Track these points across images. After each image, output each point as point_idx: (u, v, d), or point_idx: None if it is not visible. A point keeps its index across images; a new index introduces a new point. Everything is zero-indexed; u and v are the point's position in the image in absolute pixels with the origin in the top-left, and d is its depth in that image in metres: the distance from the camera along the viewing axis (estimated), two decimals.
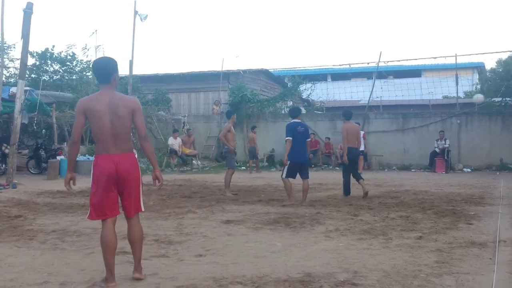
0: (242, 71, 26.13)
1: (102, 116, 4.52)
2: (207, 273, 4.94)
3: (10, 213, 8.80)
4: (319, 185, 14.12)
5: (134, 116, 4.64)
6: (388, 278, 4.77)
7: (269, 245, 6.28)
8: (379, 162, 21.66)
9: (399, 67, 34.27)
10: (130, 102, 4.70)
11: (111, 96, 4.61)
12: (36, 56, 23.92)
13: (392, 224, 7.68)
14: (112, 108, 4.54)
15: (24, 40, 14.02)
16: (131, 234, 4.78)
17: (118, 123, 4.56)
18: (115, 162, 4.56)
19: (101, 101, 4.56)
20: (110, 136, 4.56)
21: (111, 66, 4.69)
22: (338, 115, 24.21)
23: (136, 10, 21.57)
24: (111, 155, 4.57)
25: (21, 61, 14.52)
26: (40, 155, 18.12)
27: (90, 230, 7.19)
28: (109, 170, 4.54)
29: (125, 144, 4.65)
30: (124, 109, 4.58)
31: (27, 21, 13.86)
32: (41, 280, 4.67)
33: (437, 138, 20.49)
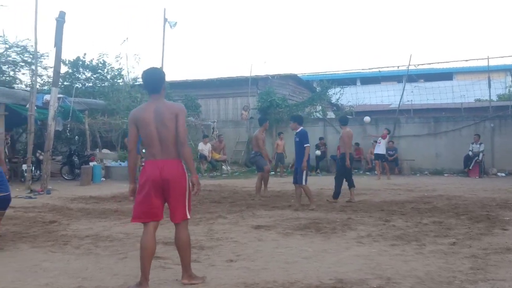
0: (271, 76, 26.16)
1: (149, 123, 4.67)
2: (238, 278, 4.95)
3: (45, 218, 8.94)
4: None
5: (177, 120, 4.69)
6: (422, 284, 4.70)
7: (300, 251, 6.26)
8: (411, 167, 21.39)
9: (430, 70, 33.85)
10: (174, 107, 4.80)
11: (158, 104, 4.75)
12: (68, 64, 24.32)
13: (425, 230, 7.57)
14: (157, 115, 4.68)
15: (56, 48, 14.30)
16: (177, 240, 4.80)
17: (164, 130, 4.66)
18: (160, 167, 4.64)
19: (148, 110, 4.74)
20: (156, 143, 4.68)
21: (161, 77, 4.88)
22: None
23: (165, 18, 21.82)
24: (157, 160, 4.68)
25: (54, 69, 14.81)
26: (73, 161, 18.38)
27: (122, 235, 7.28)
28: (153, 176, 4.63)
29: (171, 151, 4.71)
30: (169, 115, 4.68)
31: (59, 30, 14.14)
32: (75, 285, 4.74)
33: (471, 141, 20.13)
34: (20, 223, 8.37)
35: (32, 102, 14.75)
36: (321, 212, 9.65)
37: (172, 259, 5.85)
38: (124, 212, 9.81)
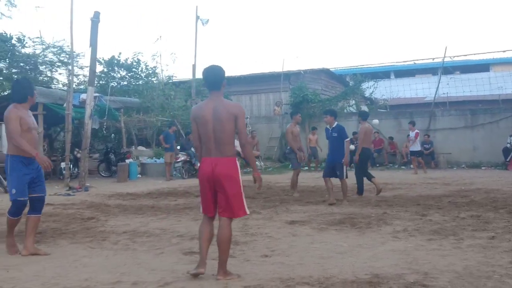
0: (303, 71, 26.06)
1: (206, 121, 4.81)
2: (274, 273, 4.96)
3: (83, 215, 9.09)
4: (385, 184, 13.85)
5: (236, 121, 4.80)
6: (460, 279, 4.63)
7: (335, 246, 6.23)
8: (447, 160, 21.07)
9: (466, 61, 33.15)
10: (233, 108, 4.89)
11: (217, 102, 4.86)
12: (104, 63, 24.69)
13: (463, 224, 7.45)
14: (215, 114, 4.79)
15: (92, 48, 14.53)
16: (219, 235, 4.84)
17: (220, 128, 4.77)
18: (213, 164, 4.79)
19: (207, 108, 4.86)
20: (212, 140, 4.81)
21: (221, 74, 4.96)
22: (404, 113, 23.93)
23: (197, 15, 22.01)
24: (211, 158, 4.82)
25: (90, 68, 15.06)
26: (110, 158, 18.68)
27: (159, 231, 7.36)
28: (207, 172, 4.81)
29: (225, 148, 4.82)
30: (226, 115, 4.78)
31: (94, 29, 14.37)
32: (114, 280, 4.81)
33: (510, 133, 19.68)
34: (60, 219, 8.53)
35: (69, 101, 15.02)
36: (356, 207, 9.59)
37: (208, 254, 5.87)
38: (160, 208, 9.93)
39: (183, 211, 9.49)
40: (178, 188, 13.78)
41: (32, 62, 20.84)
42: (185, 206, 10.20)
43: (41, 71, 22.15)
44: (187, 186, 14.28)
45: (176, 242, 6.63)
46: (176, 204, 10.60)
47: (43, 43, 21.51)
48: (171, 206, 10.28)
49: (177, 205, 10.42)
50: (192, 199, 11.48)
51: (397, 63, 32.02)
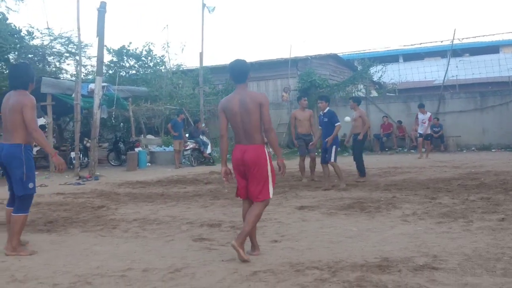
0: (310, 57, 25.91)
1: (235, 113, 5.11)
2: (283, 258, 4.97)
3: (93, 203, 9.15)
4: (394, 168, 13.85)
5: (261, 108, 5.07)
6: (469, 261, 4.62)
7: (345, 230, 6.23)
8: (457, 143, 20.99)
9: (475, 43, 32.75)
10: (258, 97, 5.19)
11: (243, 94, 5.16)
12: (113, 53, 24.67)
13: (472, 207, 7.42)
14: (242, 105, 5.09)
15: (99, 38, 14.54)
16: (247, 213, 5.12)
17: (247, 118, 5.07)
18: (243, 151, 5.09)
19: (234, 99, 5.16)
20: (241, 129, 5.12)
21: (246, 68, 5.28)
22: (412, 96, 23.79)
23: (204, 3, 21.87)
24: (241, 145, 5.14)
25: (98, 58, 15.08)
26: (119, 147, 18.75)
27: (169, 218, 7.39)
28: (237, 158, 5.13)
29: (253, 136, 5.11)
30: (252, 105, 5.07)
31: (101, 19, 14.36)
32: (125, 267, 4.84)
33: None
34: (70, 208, 8.60)
35: (78, 91, 15.09)
36: (365, 191, 9.57)
37: (217, 240, 5.92)
38: (170, 195, 9.97)
39: (192, 198, 9.53)
40: (187, 176, 13.82)
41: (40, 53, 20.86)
42: (194, 193, 10.23)
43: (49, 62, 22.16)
44: (196, 174, 14.32)
45: (186, 229, 6.65)
46: (185, 191, 10.64)
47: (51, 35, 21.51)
48: (180, 193, 10.32)
49: (186, 192, 10.46)
50: (201, 186, 11.53)
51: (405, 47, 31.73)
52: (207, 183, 12.15)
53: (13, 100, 5.48)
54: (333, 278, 4.27)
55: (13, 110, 5.43)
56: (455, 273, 4.32)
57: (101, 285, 4.32)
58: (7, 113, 5.49)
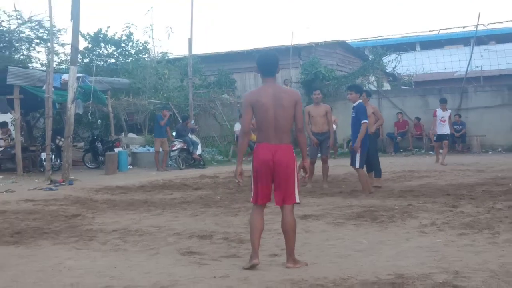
0: (315, 45, 25.90)
1: (268, 108, 5.25)
2: (284, 275, 4.97)
3: (67, 212, 9.11)
4: (410, 172, 13.88)
5: (296, 107, 5.30)
6: (495, 279, 4.62)
7: (354, 243, 6.24)
8: (482, 144, 20.98)
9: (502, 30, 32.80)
10: (294, 94, 5.47)
11: (275, 88, 5.38)
12: (88, 39, 24.61)
13: (499, 216, 7.42)
14: (277, 100, 5.27)
15: (74, 21, 14.44)
16: (284, 225, 5.37)
17: (282, 115, 5.25)
18: (272, 151, 5.25)
19: (267, 93, 5.31)
20: (272, 127, 5.27)
21: (276, 60, 5.49)
22: (431, 90, 23.84)
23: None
24: (271, 144, 5.28)
25: (72, 45, 14.96)
26: (96, 147, 18.70)
27: (153, 229, 7.38)
28: (266, 159, 5.26)
29: (284, 135, 5.32)
30: (288, 103, 5.27)
31: (76, 1, 14.29)
32: (103, 285, 4.82)
33: None
34: (41, 217, 8.56)
35: (49, 83, 15.03)
36: (377, 198, 9.57)
37: (209, 254, 5.92)
38: (154, 203, 9.97)
39: (180, 206, 9.52)
40: (175, 180, 13.81)
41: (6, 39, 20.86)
42: (182, 200, 10.23)
43: (17, 48, 22.16)
44: (184, 178, 14.31)
45: (173, 241, 6.65)
46: (172, 198, 10.63)
47: (19, 18, 21.49)
48: (166, 200, 10.32)
49: (173, 199, 10.46)
50: (190, 192, 11.52)
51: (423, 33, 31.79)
52: (198, 188, 12.14)
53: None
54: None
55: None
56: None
57: None
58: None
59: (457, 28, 31.16)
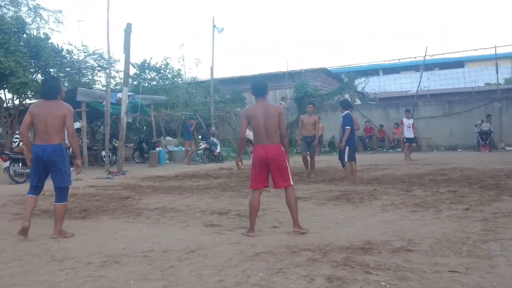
0: (304, 70, 25.89)
1: (259, 119, 5.40)
2: (281, 241, 4.97)
3: (121, 195, 9.15)
4: (375, 165, 13.84)
5: (279, 118, 5.42)
6: (439, 244, 4.61)
7: (333, 218, 6.23)
8: (428, 144, 20.96)
9: (444, 59, 32.66)
10: (278, 108, 5.56)
11: (264, 105, 5.49)
12: (136, 67, 24.68)
13: (441, 198, 7.41)
14: (266, 113, 5.40)
15: (125, 54, 14.53)
16: (287, 200, 5.43)
17: (270, 123, 5.38)
18: (265, 150, 5.37)
19: (258, 109, 5.46)
20: (264, 132, 5.40)
21: (265, 85, 5.64)
22: (390, 104, 23.79)
23: (214, 24, 21.86)
24: (264, 145, 5.40)
25: (124, 71, 15.06)
26: (142, 147, 18.77)
27: (184, 207, 7.40)
28: (261, 155, 5.37)
29: (274, 137, 5.41)
30: (273, 114, 5.40)
31: (127, 39, 14.36)
32: (147, 248, 4.85)
33: (479, 120, 19.59)
34: (101, 199, 8.60)
35: (108, 99, 15.10)
36: (350, 185, 9.55)
37: (226, 226, 5.92)
38: (185, 188, 9.98)
39: (204, 190, 9.53)
40: (200, 172, 13.83)
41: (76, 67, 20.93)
42: (206, 186, 10.24)
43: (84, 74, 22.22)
44: (207, 170, 14.32)
45: (199, 216, 6.66)
46: (198, 184, 10.65)
47: (85, 51, 21.55)
48: (194, 186, 10.33)
49: (199, 185, 10.47)
50: (211, 180, 11.53)
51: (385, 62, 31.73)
52: (217, 177, 12.16)
53: (58, 108, 5.45)
54: (323, 258, 4.27)
55: (58, 117, 5.40)
56: (427, 254, 4.31)
57: (127, 264, 4.33)
58: (50, 119, 5.39)
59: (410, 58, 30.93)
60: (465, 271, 3.79)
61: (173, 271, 4.07)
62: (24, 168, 11.83)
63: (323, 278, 3.73)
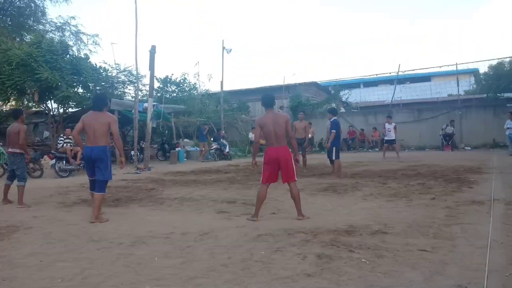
0: (298, 84, 25.75)
1: (269, 126, 5.42)
2: (279, 225, 4.97)
3: (147, 187, 9.16)
4: (357, 162, 13.81)
5: (286, 124, 5.43)
6: (410, 228, 4.61)
7: (322, 206, 6.23)
8: (401, 145, 20.83)
9: (414, 74, 32.50)
10: (285, 116, 5.56)
11: (273, 114, 5.50)
12: (160, 81, 24.70)
13: (412, 190, 7.39)
14: (274, 121, 5.41)
15: (150, 71, 14.55)
16: (291, 193, 5.42)
17: (278, 129, 5.39)
18: (276, 151, 5.37)
19: (269, 118, 5.46)
20: (273, 137, 5.40)
21: (272, 98, 5.65)
22: (370, 112, 23.74)
23: (223, 46, 21.90)
24: (274, 147, 5.40)
25: (150, 85, 15.11)
26: (165, 147, 18.75)
27: (200, 197, 7.40)
28: (272, 155, 5.38)
29: (282, 141, 5.43)
30: (281, 121, 5.42)
31: (152, 58, 14.38)
32: (169, 231, 4.86)
33: (445, 124, 19.59)
34: (131, 190, 8.61)
35: (136, 108, 15.12)
36: (336, 179, 9.52)
37: (234, 212, 5.92)
38: (200, 181, 9.99)
39: (215, 183, 9.53)
40: (212, 168, 13.83)
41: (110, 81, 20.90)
42: (217, 179, 10.24)
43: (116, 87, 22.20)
44: (219, 166, 14.32)
45: (211, 204, 6.67)
46: (211, 178, 10.65)
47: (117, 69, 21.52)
48: (208, 180, 10.33)
49: (212, 179, 10.48)
50: (222, 175, 11.53)
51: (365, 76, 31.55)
52: (227, 172, 12.16)
53: (104, 117, 5.65)
54: (314, 239, 4.27)
55: (104, 124, 5.60)
56: (400, 236, 4.31)
57: (152, 244, 4.35)
58: (97, 126, 5.58)
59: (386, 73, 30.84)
60: (431, 250, 3.79)
61: (190, 250, 4.08)
62: (68, 165, 11.88)
63: (314, 255, 3.73)
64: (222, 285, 3.12)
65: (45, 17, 23.70)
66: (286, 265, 3.50)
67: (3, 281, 3.34)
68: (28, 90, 15.73)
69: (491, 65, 23.96)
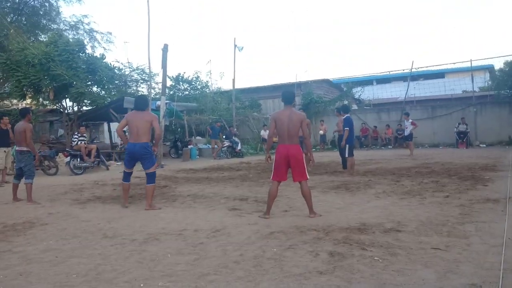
0: (310, 81, 25.68)
1: (284, 122, 5.33)
2: (291, 223, 4.96)
3: (160, 184, 9.17)
4: (370, 160, 13.70)
5: (302, 123, 5.35)
6: (423, 226, 4.56)
7: (334, 204, 6.20)
8: (414, 142, 20.49)
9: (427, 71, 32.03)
10: (301, 115, 5.42)
11: (290, 111, 5.39)
12: (172, 79, 24.82)
13: (425, 187, 7.31)
14: (289, 118, 5.32)
15: (163, 69, 14.61)
16: (302, 192, 5.36)
17: (292, 127, 5.31)
18: (287, 148, 5.31)
19: (284, 114, 5.37)
20: (286, 134, 5.32)
21: (292, 95, 5.58)
22: (383, 109, 23.51)
23: (235, 44, 21.89)
24: (286, 144, 5.33)
25: (162, 83, 15.15)
26: (177, 145, 18.88)
27: (212, 194, 7.42)
28: (283, 153, 5.31)
29: (294, 139, 5.35)
30: (296, 120, 5.32)
31: (164, 57, 14.43)
32: (182, 228, 4.89)
33: (457, 122, 19.33)
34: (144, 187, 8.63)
35: (149, 106, 15.16)
36: (349, 176, 9.46)
37: (245, 210, 5.93)
38: (212, 178, 10.02)
39: (227, 180, 9.56)
40: (224, 165, 13.86)
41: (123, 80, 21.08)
42: (229, 177, 10.26)
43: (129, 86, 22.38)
44: (230, 164, 14.35)
45: (223, 201, 6.68)
46: (223, 176, 10.68)
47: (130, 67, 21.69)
48: (219, 177, 10.36)
49: (223, 176, 10.50)
50: (233, 172, 11.55)
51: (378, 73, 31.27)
52: (239, 170, 12.18)
53: (147, 116, 6.23)
54: (326, 237, 4.26)
55: (147, 122, 6.18)
56: (413, 234, 4.27)
57: (165, 240, 4.37)
58: (141, 124, 6.15)
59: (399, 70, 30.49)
60: (445, 248, 3.74)
61: (202, 246, 4.09)
62: (82, 162, 12.02)
63: (326, 253, 3.71)
64: (234, 281, 3.13)
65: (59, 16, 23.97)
66: (298, 263, 3.49)
67: (20, 276, 3.40)
68: (43, 88, 15.95)
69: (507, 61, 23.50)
